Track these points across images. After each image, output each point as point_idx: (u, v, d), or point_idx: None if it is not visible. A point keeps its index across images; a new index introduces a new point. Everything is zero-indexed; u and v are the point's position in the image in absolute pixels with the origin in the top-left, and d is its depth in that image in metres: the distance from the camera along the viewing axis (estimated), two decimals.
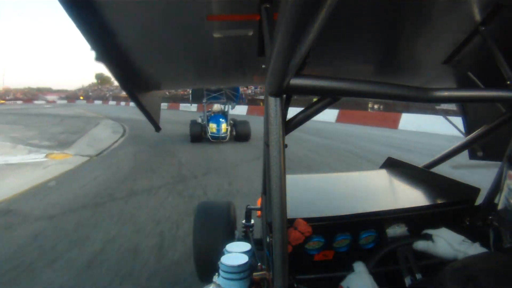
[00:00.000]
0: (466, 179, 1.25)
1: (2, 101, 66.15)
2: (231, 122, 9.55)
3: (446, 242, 0.84)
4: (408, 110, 12.19)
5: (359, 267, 0.86)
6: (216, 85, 6.98)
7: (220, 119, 9.21)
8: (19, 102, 67.10)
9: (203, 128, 9.30)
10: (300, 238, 0.87)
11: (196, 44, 1.02)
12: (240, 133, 9.19)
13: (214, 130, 9.00)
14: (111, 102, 45.67)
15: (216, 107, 9.77)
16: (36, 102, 63.57)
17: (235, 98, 10.20)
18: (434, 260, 0.93)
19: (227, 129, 9.11)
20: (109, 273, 2.35)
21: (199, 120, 9.77)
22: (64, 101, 62.38)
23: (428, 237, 0.88)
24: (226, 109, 9.80)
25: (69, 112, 23.03)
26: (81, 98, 60.46)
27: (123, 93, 10.44)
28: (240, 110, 17.62)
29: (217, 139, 8.97)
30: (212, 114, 9.50)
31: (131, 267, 2.43)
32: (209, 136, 9.02)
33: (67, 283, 2.25)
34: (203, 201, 2.25)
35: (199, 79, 1.70)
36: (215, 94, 9.75)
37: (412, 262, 0.88)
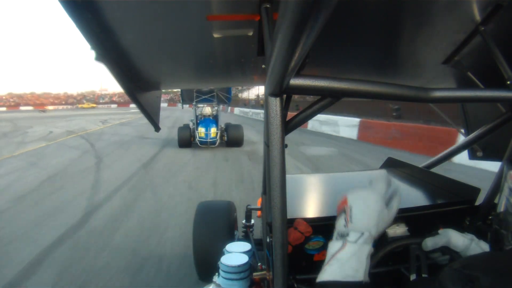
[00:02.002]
0: None
1: (93, 105, 62.47)
2: (222, 126, 9.17)
3: (455, 231, 0.84)
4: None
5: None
6: (216, 85, 6.91)
7: (210, 123, 8.78)
8: (113, 105, 63.92)
9: (192, 132, 8.88)
10: (300, 238, 0.87)
11: (196, 44, 1.02)
12: (231, 138, 8.79)
13: (203, 135, 8.59)
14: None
15: (207, 110, 9.22)
16: (132, 105, 60.24)
17: (227, 100, 9.79)
18: (440, 260, 0.93)
19: (216, 133, 8.65)
20: None
21: (191, 124, 9.35)
22: (164, 104, 56.70)
23: (435, 233, 0.88)
24: (216, 112, 9.31)
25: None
26: None
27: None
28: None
29: (206, 144, 8.61)
30: (202, 118, 9.07)
31: None
32: (198, 141, 8.64)
33: None
34: (203, 201, 2.25)
35: (199, 79, 1.70)
36: (205, 96, 9.20)
37: (423, 261, 0.87)
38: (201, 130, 8.66)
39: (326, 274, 0.55)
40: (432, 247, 0.85)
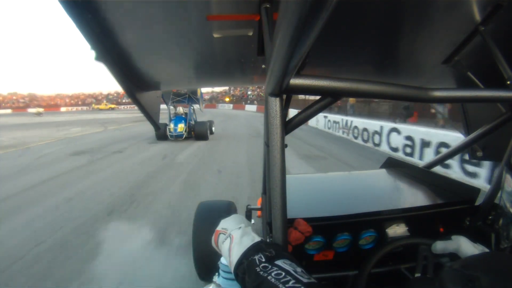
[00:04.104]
0: None
1: (111, 106, 55.53)
2: (192, 123, 11.04)
3: (467, 240, 0.83)
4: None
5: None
6: (216, 85, 6.99)
7: (179, 120, 10.62)
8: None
9: (166, 128, 10.59)
10: (300, 238, 0.87)
11: (196, 44, 1.02)
12: (197, 133, 10.56)
13: (172, 130, 10.36)
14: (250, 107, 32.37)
15: (180, 109, 11.08)
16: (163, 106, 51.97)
17: (197, 101, 11.62)
18: (445, 262, 0.93)
19: (183, 128, 10.41)
20: None
21: (168, 121, 11.07)
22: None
23: (447, 238, 0.88)
24: (188, 111, 11.13)
25: None
26: (227, 99, 44.74)
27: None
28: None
29: (174, 138, 10.36)
30: (175, 116, 10.87)
31: None
32: (168, 135, 10.33)
33: None
34: (203, 201, 2.24)
35: (198, 79, 1.70)
36: (179, 98, 11.26)
37: (430, 262, 0.87)
38: (171, 126, 10.42)
39: (234, 256, 0.63)
40: (442, 251, 0.85)
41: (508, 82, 0.81)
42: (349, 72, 1.24)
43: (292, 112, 0.75)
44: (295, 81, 0.60)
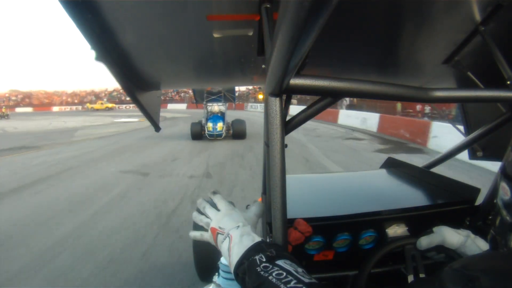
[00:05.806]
0: None
1: (108, 105, 47.69)
2: (229, 122, 10.86)
3: (449, 228, 0.83)
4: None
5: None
6: (216, 85, 7.05)
7: (217, 119, 10.54)
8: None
9: (203, 127, 10.57)
10: (300, 238, 0.87)
11: (196, 44, 1.02)
12: (236, 131, 10.50)
13: (210, 129, 10.32)
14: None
15: (215, 108, 11.06)
16: (167, 108, 39.56)
17: (232, 99, 11.66)
18: (438, 258, 0.93)
19: (222, 127, 10.39)
20: None
21: (203, 121, 11.04)
22: (183, 106, 39.79)
23: (429, 232, 0.88)
24: (224, 110, 11.13)
25: None
26: (260, 97, 32.96)
27: None
28: None
29: (213, 137, 10.32)
30: (211, 115, 10.81)
31: None
32: (206, 134, 10.32)
33: None
34: None
35: (198, 79, 1.70)
36: (214, 96, 11.02)
37: (418, 261, 0.87)
38: (209, 125, 10.37)
39: (234, 256, 0.62)
40: (427, 246, 0.85)
41: (508, 82, 0.81)
42: (349, 72, 1.23)
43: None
44: (295, 81, 0.60)
